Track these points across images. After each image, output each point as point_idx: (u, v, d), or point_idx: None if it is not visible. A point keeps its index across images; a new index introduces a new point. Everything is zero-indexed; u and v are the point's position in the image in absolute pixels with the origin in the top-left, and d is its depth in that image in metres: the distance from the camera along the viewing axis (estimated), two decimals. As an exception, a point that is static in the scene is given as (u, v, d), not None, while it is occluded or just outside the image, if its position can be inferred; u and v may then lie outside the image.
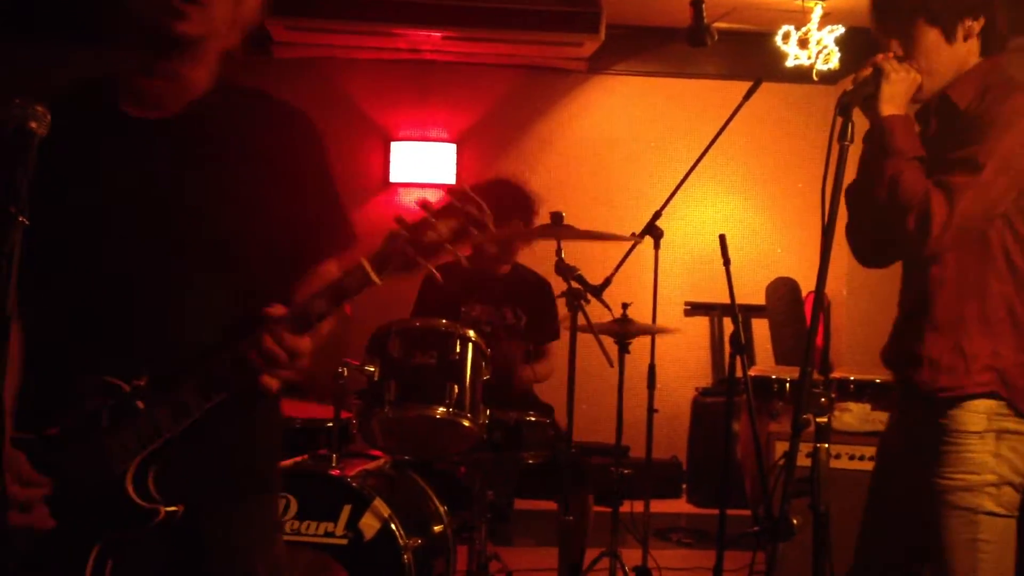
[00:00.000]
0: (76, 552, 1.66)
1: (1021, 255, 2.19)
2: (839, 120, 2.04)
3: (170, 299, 1.72)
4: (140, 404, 1.65)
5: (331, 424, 3.29)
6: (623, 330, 4.04)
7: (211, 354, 1.64)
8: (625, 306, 4.04)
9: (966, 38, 2.20)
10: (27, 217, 1.47)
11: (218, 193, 1.75)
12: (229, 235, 1.74)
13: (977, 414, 2.17)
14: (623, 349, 4.10)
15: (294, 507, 3.04)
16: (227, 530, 1.77)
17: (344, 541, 3.02)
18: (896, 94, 2.15)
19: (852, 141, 2.03)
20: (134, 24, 1.70)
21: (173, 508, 1.68)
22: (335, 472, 3.14)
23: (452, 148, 6.40)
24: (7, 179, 1.49)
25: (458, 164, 6.38)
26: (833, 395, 2.20)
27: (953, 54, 2.20)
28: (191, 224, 1.73)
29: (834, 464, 3.49)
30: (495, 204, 4.22)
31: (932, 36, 2.18)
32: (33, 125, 1.52)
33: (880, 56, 2.16)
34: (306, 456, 3.33)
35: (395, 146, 6.39)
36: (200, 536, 1.74)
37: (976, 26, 2.19)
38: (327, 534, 3.03)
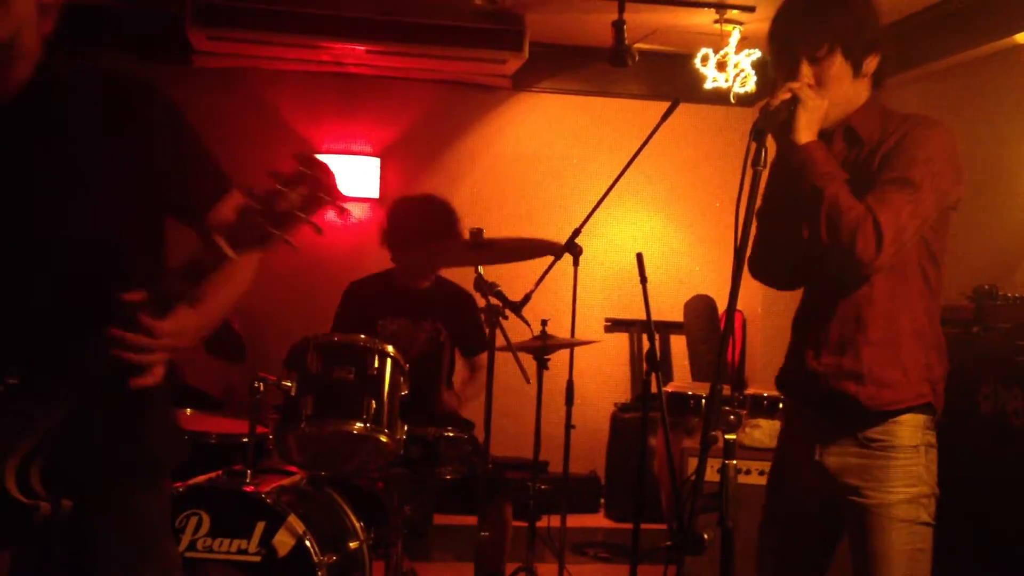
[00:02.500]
0: None
1: (935, 271, 2.30)
2: (753, 145, 2.09)
3: (34, 290, 1.70)
4: (12, 401, 1.63)
5: (246, 439, 3.25)
6: (542, 345, 4.07)
7: (79, 343, 1.62)
8: (544, 322, 4.07)
9: (865, 74, 2.29)
10: None
11: (67, 174, 1.73)
12: (84, 216, 1.72)
13: (913, 428, 2.25)
14: (542, 365, 4.12)
15: (207, 524, 3.00)
16: (114, 522, 1.76)
17: (257, 558, 2.99)
18: (811, 121, 2.21)
19: (765, 166, 2.08)
20: None
21: (58, 503, 1.66)
22: (249, 488, 3.11)
23: (376, 162, 6.38)
24: None
25: (382, 178, 6.36)
26: (743, 412, 2.24)
27: (854, 87, 2.28)
28: (44, 211, 1.71)
29: (743, 480, 3.56)
30: (422, 221, 4.24)
31: (843, 68, 2.25)
32: None
33: (796, 83, 2.22)
34: (220, 472, 3.28)
35: (318, 159, 6.34)
36: (88, 528, 1.73)
37: (874, 63, 2.29)
38: (240, 551, 2.99)
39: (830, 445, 2.31)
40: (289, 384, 3.13)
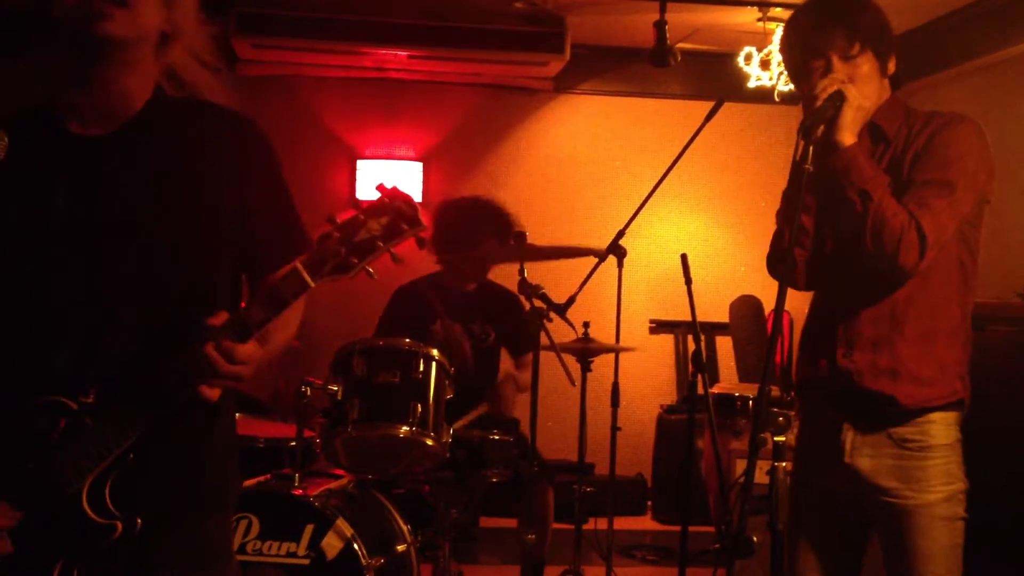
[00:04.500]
0: (39, 570, 1.65)
1: (972, 264, 2.28)
2: (801, 143, 2.07)
3: (116, 315, 1.71)
4: (88, 421, 1.65)
5: (294, 443, 3.28)
6: (585, 347, 4.06)
7: (157, 366, 1.64)
8: (586, 325, 4.06)
9: (889, 74, 2.29)
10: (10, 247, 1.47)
11: (162, 207, 1.74)
12: (175, 249, 1.73)
13: (947, 426, 2.23)
14: (585, 367, 4.12)
15: (256, 527, 3.03)
16: (180, 546, 1.77)
17: (306, 561, 3.01)
18: (857, 120, 2.19)
19: (813, 165, 2.06)
20: (62, 31, 1.68)
21: (130, 522, 1.67)
22: (298, 492, 3.13)
23: (418, 166, 6.41)
24: None
25: (424, 182, 6.39)
26: (792, 413, 2.22)
27: (880, 87, 2.28)
28: (133, 240, 1.72)
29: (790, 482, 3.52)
30: (470, 225, 4.25)
31: (873, 66, 2.24)
32: None
33: (839, 79, 2.19)
34: (269, 476, 3.31)
35: (361, 164, 6.39)
36: (156, 549, 1.73)
37: (894, 64, 2.30)
38: (289, 554, 3.02)
39: (862, 447, 2.27)
40: (336, 388, 3.15)
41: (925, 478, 2.21)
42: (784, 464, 2.15)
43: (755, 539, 2.14)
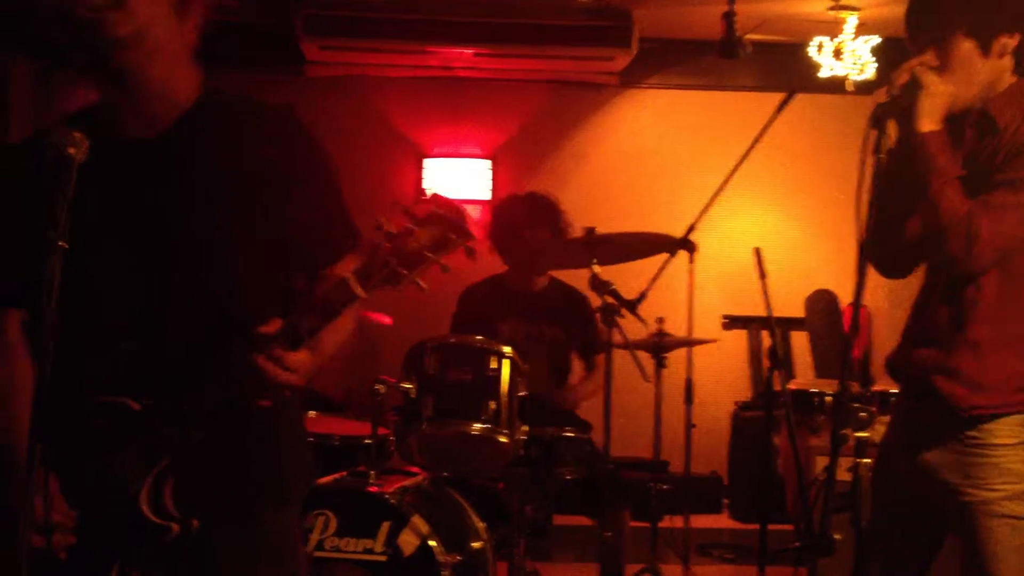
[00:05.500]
0: (97, 571, 1.67)
1: None
2: (872, 132, 2.02)
3: (172, 317, 1.73)
4: (147, 422, 1.67)
5: (369, 441, 3.29)
6: (659, 344, 4.03)
7: (212, 370, 1.65)
8: (660, 320, 4.02)
9: (1001, 55, 2.17)
10: (66, 242, 1.50)
11: (213, 208, 1.74)
12: (227, 250, 1.74)
13: (1010, 427, 2.16)
14: (659, 364, 4.08)
15: (333, 524, 3.05)
16: (241, 544, 1.78)
17: (383, 558, 3.02)
18: (934, 108, 2.12)
19: (886, 154, 2.01)
20: (81, 47, 1.69)
21: (187, 523, 1.69)
22: (373, 489, 3.15)
23: (486, 164, 6.42)
24: (47, 205, 1.51)
25: (493, 180, 6.39)
26: (873, 409, 2.17)
27: (988, 69, 2.17)
28: (189, 243, 1.74)
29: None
30: (519, 216, 4.26)
31: (968, 49, 2.15)
32: (72, 151, 1.54)
33: (916, 66, 2.13)
34: (344, 473, 3.34)
35: (428, 163, 6.42)
36: (215, 550, 1.75)
37: (1011, 43, 2.16)
38: (366, 551, 3.04)
39: (928, 439, 2.23)
40: (409, 386, 3.16)
41: (985, 475, 2.15)
42: (867, 461, 2.11)
43: (837, 537, 2.11)
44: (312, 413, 4.00)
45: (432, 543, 3.02)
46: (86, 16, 1.63)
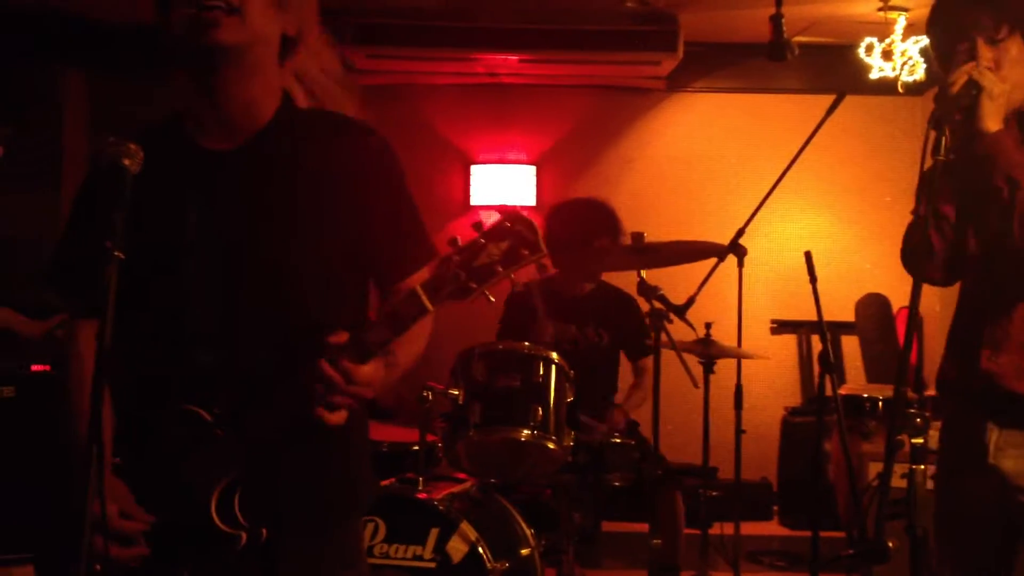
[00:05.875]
0: None
1: None
2: (932, 134, 1.98)
3: (244, 328, 1.74)
4: (219, 432, 1.69)
5: (417, 447, 3.31)
6: (707, 350, 4.00)
7: (282, 381, 1.66)
8: (708, 325, 4.00)
9: None
10: (123, 252, 1.52)
11: (289, 221, 1.76)
12: (301, 263, 1.75)
13: None
14: (707, 369, 4.05)
15: (383, 530, 3.07)
16: (308, 554, 1.79)
17: (432, 564, 3.03)
18: (997, 108, 2.08)
19: (945, 156, 1.97)
20: (182, 47, 1.70)
21: (256, 532, 1.70)
22: (422, 495, 3.16)
23: (532, 170, 6.41)
24: (104, 216, 1.53)
25: (538, 186, 6.39)
26: (928, 414, 2.13)
27: None
28: (264, 255, 1.75)
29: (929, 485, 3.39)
30: (581, 224, 4.26)
31: (1018, 47, 2.12)
32: (127, 163, 1.56)
33: (973, 66, 2.09)
34: (393, 479, 3.35)
35: (475, 169, 6.43)
36: (285, 559, 1.76)
37: None
38: (415, 557, 3.04)
39: (1005, 447, 2.18)
40: (457, 393, 3.17)
41: None
42: (923, 467, 2.08)
43: (891, 544, 2.07)
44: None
45: (481, 550, 3.02)
46: (204, 17, 1.65)
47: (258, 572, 1.74)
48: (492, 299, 1.59)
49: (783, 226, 6.31)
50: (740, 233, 3.94)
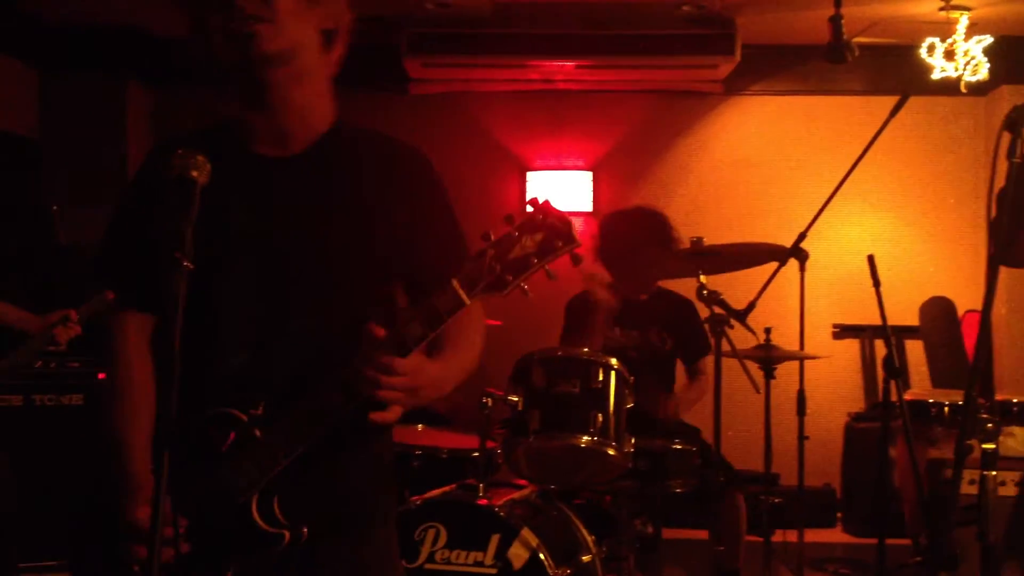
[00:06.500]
0: None
1: None
2: (1006, 136, 1.95)
3: (284, 331, 1.77)
4: (257, 432, 1.71)
5: (477, 454, 3.31)
6: (767, 355, 3.96)
7: (321, 381, 1.68)
8: (768, 331, 3.96)
9: None
10: (191, 262, 1.54)
11: (335, 231, 1.79)
12: (343, 272, 1.78)
13: None
14: (768, 374, 4.01)
15: (444, 536, 3.08)
16: (347, 556, 1.80)
17: (493, 571, 3.03)
18: None
19: (1021, 158, 1.94)
20: (225, 62, 1.73)
21: (298, 531, 1.71)
22: (483, 502, 3.16)
23: (588, 176, 6.40)
24: (172, 226, 1.56)
25: (594, 192, 6.38)
26: (997, 419, 2.10)
27: None
28: (307, 261, 1.78)
29: (1001, 491, 3.33)
30: (630, 234, 4.26)
31: None
32: (195, 174, 1.59)
33: None
34: (454, 486, 3.36)
35: (531, 176, 6.44)
36: (325, 563, 1.78)
37: None
38: (476, 563, 3.05)
39: None
40: (516, 399, 3.17)
41: None
42: (994, 473, 2.04)
43: (959, 552, 2.04)
44: (419, 426, 4.04)
45: (541, 556, 3.01)
46: (241, 30, 1.68)
47: (295, 572, 1.75)
48: (528, 292, 1.60)
49: (845, 229, 6.23)
50: (802, 236, 3.91)
